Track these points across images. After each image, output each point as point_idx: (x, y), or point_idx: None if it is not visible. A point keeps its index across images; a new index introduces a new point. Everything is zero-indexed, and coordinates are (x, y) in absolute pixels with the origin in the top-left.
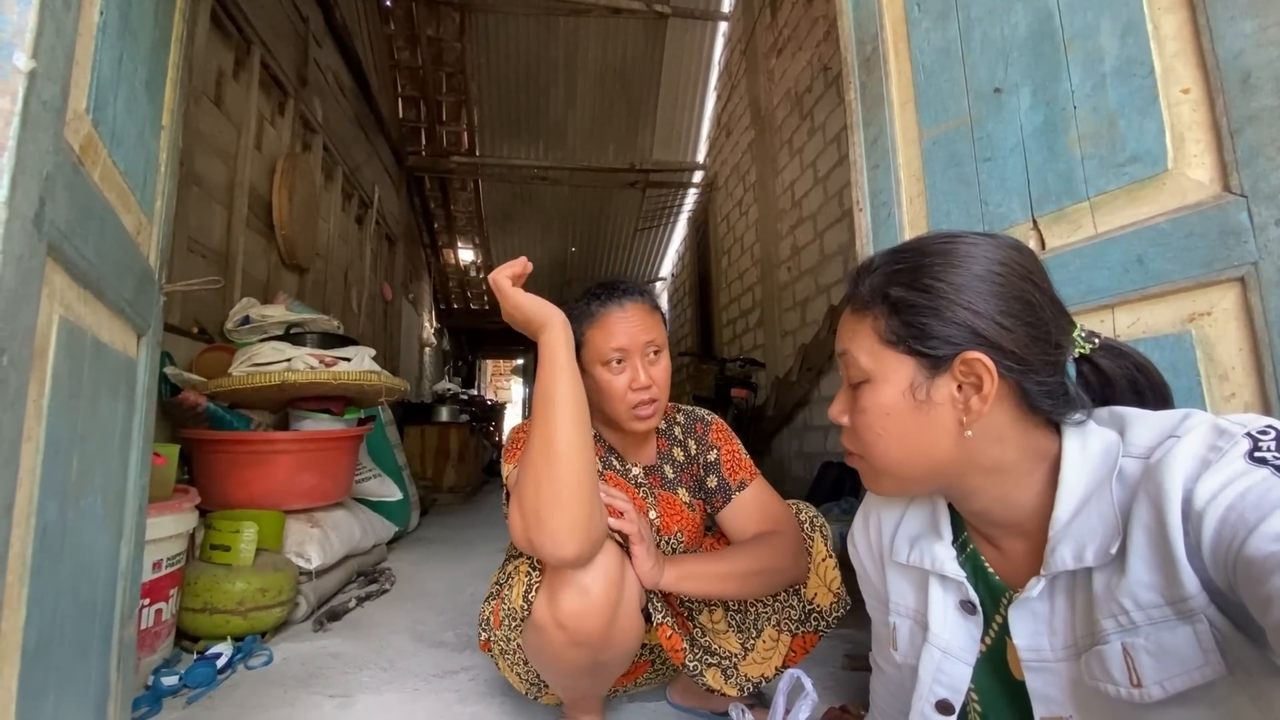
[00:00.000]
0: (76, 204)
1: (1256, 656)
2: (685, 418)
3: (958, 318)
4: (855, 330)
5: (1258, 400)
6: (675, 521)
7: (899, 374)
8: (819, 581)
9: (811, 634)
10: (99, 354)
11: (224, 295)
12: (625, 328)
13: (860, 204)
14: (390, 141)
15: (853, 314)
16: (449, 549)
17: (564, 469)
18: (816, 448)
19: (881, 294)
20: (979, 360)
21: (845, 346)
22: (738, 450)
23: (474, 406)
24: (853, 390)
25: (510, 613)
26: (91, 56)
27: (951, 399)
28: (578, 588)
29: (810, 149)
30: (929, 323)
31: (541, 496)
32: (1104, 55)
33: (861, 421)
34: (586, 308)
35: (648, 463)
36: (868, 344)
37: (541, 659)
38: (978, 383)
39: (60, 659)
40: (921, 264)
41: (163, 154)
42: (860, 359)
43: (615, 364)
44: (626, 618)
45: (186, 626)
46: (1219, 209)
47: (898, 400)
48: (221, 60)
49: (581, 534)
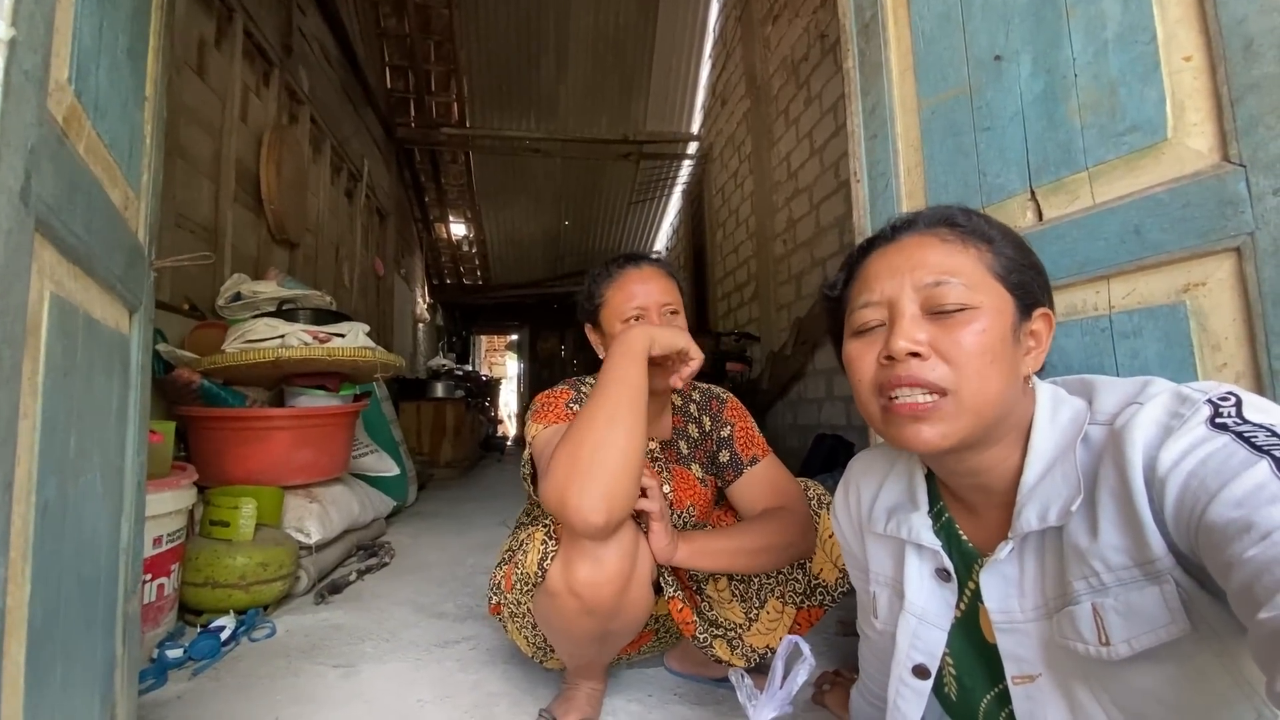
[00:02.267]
0: (63, 177)
1: (1220, 615)
2: (701, 395)
3: (1040, 277)
4: (958, 258)
5: (1249, 370)
6: (688, 496)
7: (1007, 307)
8: (825, 557)
9: (816, 608)
10: (91, 331)
11: (214, 271)
12: (643, 288)
13: (858, 175)
14: (379, 113)
15: (943, 243)
16: (447, 522)
17: (625, 440)
18: (811, 420)
19: (983, 234)
20: (1048, 316)
21: (946, 275)
22: (751, 428)
23: (469, 382)
24: (936, 318)
25: (524, 577)
26: (72, 24)
27: (1025, 346)
28: (593, 558)
29: (807, 119)
30: (1025, 270)
31: (596, 460)
32: (1106, 21)
33: (965, 350)
34: (607, 271)
35: (663, 437)
36: (976, 274)
37: (552, 625)
38: (1039, 338)
39: (66, 633)
40: (996, 221)
41: (148, 126)
42: (969, 286)
43: (635, 321)
44: (638, 589)
45: (189, 601)
46: (1217, 179)
47: (1006, 333)
48: (203, 28)
49: (619, 507)
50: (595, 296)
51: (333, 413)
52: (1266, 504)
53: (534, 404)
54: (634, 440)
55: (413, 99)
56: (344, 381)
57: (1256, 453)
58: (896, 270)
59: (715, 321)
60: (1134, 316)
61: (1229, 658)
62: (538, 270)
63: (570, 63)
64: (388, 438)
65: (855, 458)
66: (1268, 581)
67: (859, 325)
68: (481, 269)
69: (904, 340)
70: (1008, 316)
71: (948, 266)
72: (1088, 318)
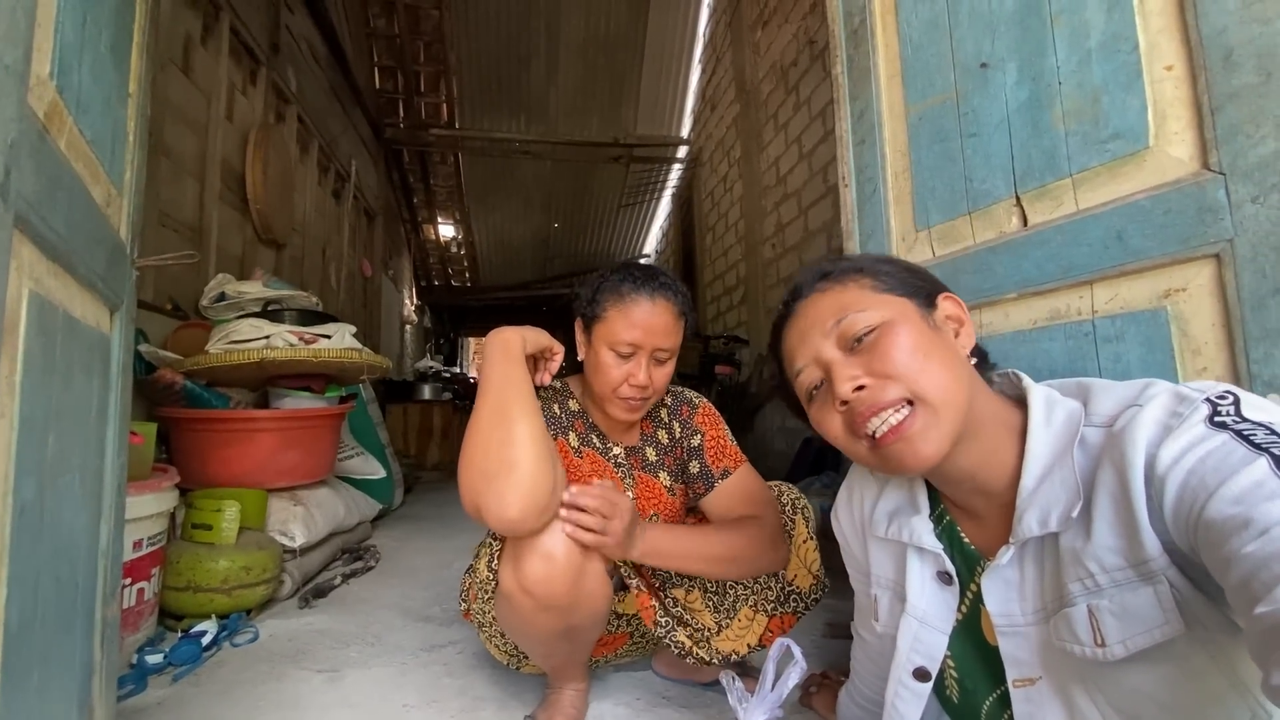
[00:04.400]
0: (43, 174)
1: (1214, 615)
2: (673, 399)
3: (921, 276)
4: (841, 298)
5: (1228, 374)
6: (651, 504)
7: (907, 309)
8: (799, 564)
9: (789, 615)
10: (71, 330)
11: (198, 271)
12: (647, 322)
13: (846, 179)
14: (367, 113)
15: (825, 293)
16: (433, 525)
17: (523, 432)
18: (798, 423)
19: (853, 268)
20: (952, 298)
21: (840, 313)
22: (723, 436)
23: (457, 384)
24: (857, 350)
25: (481, 585)
26: (54, 19)
27: (950, 329)
28: (540, 553)
29: (795, 124)
30: (905, 276)
31: (496, 457)
32: (1090, 30)
33: (896, 360)
34: (619, 285)
35: (630, 443)
36: (864, 299)
37: (514, 627)
38: (957, 318)
39: (43, 637)
40: (860, 255)
41: (131, 123)
42: (867, 312)
43: (623, 352)
44: (592, 579)
45: (170, 605)
46: (1197, 186)
47: (922, 327)
48: (189, 26)
49: (533, 500)
50: (597, 305)
51: (318, 415)
52: (1265, 500)
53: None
54: (532, 431)
55: (402, 99)
56: (330, 383)
57: (1255, 450)
58: (805, 333)
59: (704, 324)
60: (1116, 321)
61: (1224, 658)
62: (527, 272)
63: (560, 65)
64: (374, 440)
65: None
66: (1265, 576)
67: (806, 392)
68: (470, 271)
69: (844, 383)
70: (913, 315)
71: (839, 305)
72: (1071, 322)
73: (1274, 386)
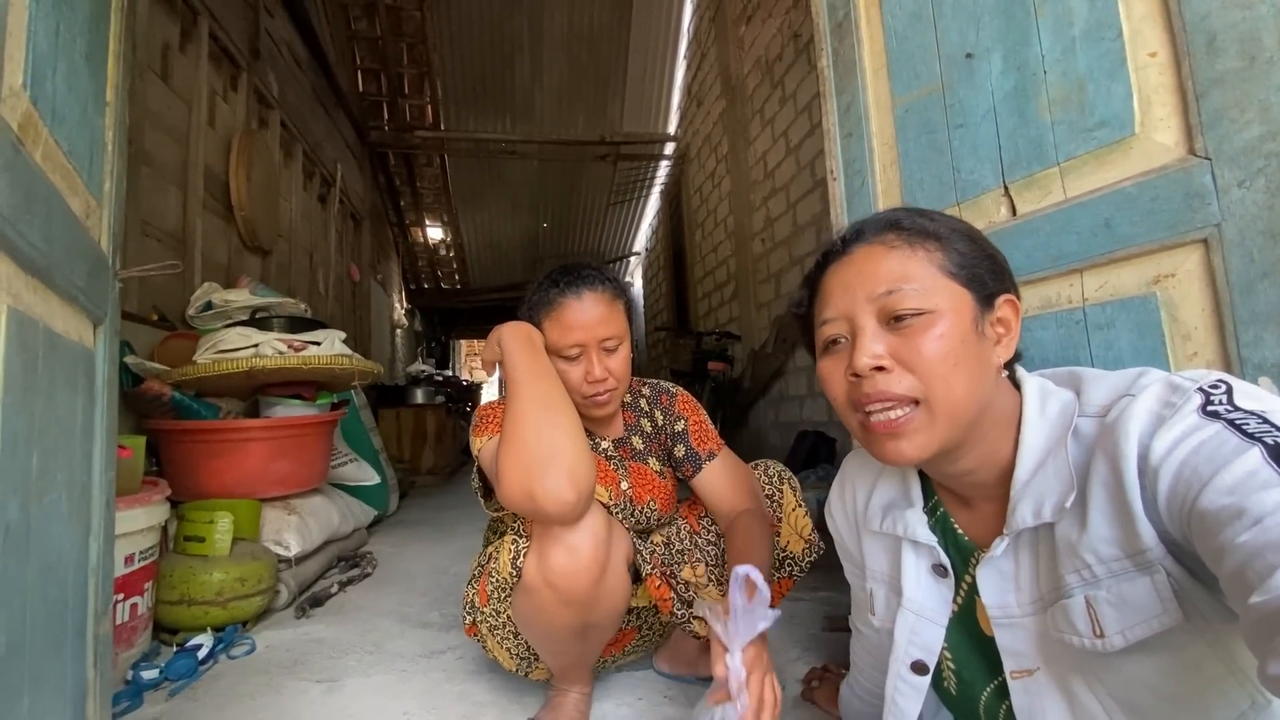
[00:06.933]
0: (18, 186)
1: (1211, 603)
2: (651, 389)
3: (996, 265)
4: (905, 265)
5: (1219, 358)
6: (647, 491)
7: (965, 305)
8: (790, 530)
9: (786, 579)
10: (53, 345)
11: (183, 280)
12: (580, 321)
13: (834, 173)
14: (351, 117)
15: (890, 250)
16: (430, 530)
17: (567, 419)
18: (792, 417)
19: (929, 232)
20: (1013, 302)
21: (895, 284)
22: (704, 421)
23: (449, 387)
24: (894, 327)
25: (500, 583)
26: (25, 27)
27: (994, 336)
28: (566, 546)
29: (782, 119)
30: (979, 261)
31: (547, 442)
32: (1073, 18)
33: (926, 358)
34: (545, 295)
35: (616, 435)
36: (928, 276)
37: (532, 623)
38: (1007, 325)
39: (33, 660)
40: (943, 216)
41: (109, 132)
42: (921, 291)
43: (571, 355)
44: (614, 576)
45: (164, 619)
46: (1184, 172)
47: (967, 330)
48: (167, 32)
49: (584, 481)
50: (535, 318)
51: (310, 422)
52: (1258, 490)
53: (475, 418)
54: (574, 417)
55: (386, 102)
56: (320, 390)
57: (1248, 440)
58: (849, 285)
59: (696, 321)
60: (1107, 308)
61: (1222, 646)
62: (517, 273)
63: (545, 64)
64: (367, 446)
65: (849, 456)
66: (1259, 566)
67: (825, 342)
68: (460, 273)
69: (865, 357)
70: (967, 313)
71: (898, 273)
72: (1062, 310)
73: (1264, 370)
